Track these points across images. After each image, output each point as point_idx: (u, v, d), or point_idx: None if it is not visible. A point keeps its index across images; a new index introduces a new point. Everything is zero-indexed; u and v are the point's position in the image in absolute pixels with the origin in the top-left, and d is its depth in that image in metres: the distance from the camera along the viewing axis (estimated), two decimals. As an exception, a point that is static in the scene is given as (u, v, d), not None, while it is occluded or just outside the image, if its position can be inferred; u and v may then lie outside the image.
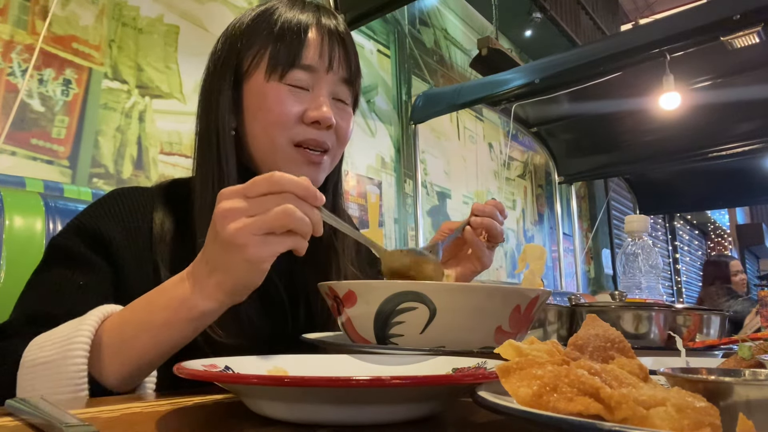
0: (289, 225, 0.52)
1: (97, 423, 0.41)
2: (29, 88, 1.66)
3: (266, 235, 0.52)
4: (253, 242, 0.52)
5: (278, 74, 0.74)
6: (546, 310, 0.94)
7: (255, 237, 0.52)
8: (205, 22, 2.20)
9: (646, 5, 6.74)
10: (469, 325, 0.57)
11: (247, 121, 0.76)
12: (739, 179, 4.32)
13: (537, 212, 4.79)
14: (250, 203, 0.52)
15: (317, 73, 0.75)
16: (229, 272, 0.54)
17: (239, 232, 0.51)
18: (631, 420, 0.27)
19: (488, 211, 0.82)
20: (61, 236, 0.73)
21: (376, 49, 3.20)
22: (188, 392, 0.57)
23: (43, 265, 0.72)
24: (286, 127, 0.74)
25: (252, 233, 0.51)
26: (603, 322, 0.39)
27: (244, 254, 0.52)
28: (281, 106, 0.73)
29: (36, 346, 0.59)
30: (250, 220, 0.52)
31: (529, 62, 3.43)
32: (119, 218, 0.74)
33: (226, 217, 0.52)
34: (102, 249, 0.71)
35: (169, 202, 0.78)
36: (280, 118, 0.74)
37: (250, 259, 0.52)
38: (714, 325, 0.90)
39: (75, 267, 0.69)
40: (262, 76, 0.74)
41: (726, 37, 2.23)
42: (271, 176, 0.52)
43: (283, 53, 0.74)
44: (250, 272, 0.54)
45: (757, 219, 10.01)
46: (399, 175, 3.25)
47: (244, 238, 0.51)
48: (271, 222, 0.52)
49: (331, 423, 0.39)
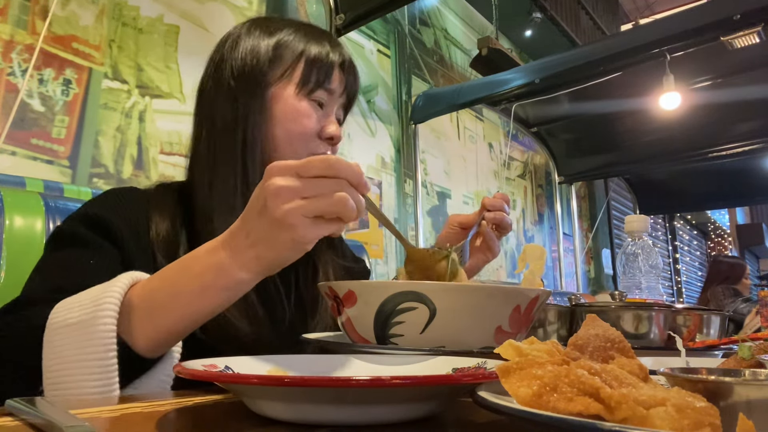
0: (341, 212, 0.53)
1: (97, 423, 0.41)
2: (29, 87, 1.66)
3: (316, 218, 0.53)
4: (304, 224, 0.52)
5: (307, 90, 0.82)
6: (546, 310, 0.94)
7: (306, 219, 0.52)
8: (205, 22, 2.20)
9: (646, 5, 6.74)
10: (469, 325, 0.57)
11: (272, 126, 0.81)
12: (739, 179, 4.32)
13: (537, 212, 4.79)
14: (304, 184, 0.52)
15: (333, 95, 0.85)
16: (272, 248, 0.54)
17: (292, 212, 0.51)
18: (631, 420, 0.27)
19: (498, 205, 0.89)
20: (66, 224, 0.74)
21: (376, 49, 3.20)
22: (188, 392, 0.57)
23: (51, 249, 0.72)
24: (308, 139, 0.81)
25: (304, 215, 0.52)
26: (603, 322, 0.39)
27: (292, 234, 0.52)
28: (308, 120, 0.81)
29: (63, 308, 0.59)
30: (304, 202, 0.52)
31: (529, 62, 3.43)
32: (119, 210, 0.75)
33: (279, 196, 0.52)
34: (107, 234, 0.72)
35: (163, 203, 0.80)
36: (306, 131, 0.81)
37: (296, 239, 0.53)
38: (714, 325, 0.89)
39: (84, 248, 0.70)
40: (293, 89, 0.81)
41: (726, 37, 2.23)
42: (327, 159, 0.52)
43: (315, 74, 0.82)
44: (293, 251, 0.55)
45: (757, 219, 10.01)
46: (399, 175, 3.25)
47: (295, 219, 0.52)
48: (326, 207, 0.52)
49: (331, 423, 0.39)
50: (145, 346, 0.59)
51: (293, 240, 0.53)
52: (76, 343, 0.56)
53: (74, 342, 0.56)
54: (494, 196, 0.90)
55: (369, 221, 2.98)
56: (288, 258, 0.56)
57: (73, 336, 0.56)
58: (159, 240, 0.75)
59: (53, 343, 0.57)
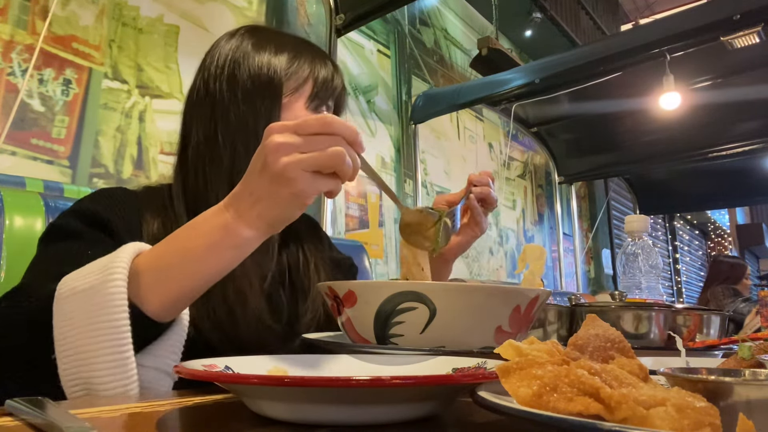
0: (338, 167, 0.54)
1: (97, 423, 0.41)
2: (29, 88, 1.66)
3: (315, 172, 0.54)
4: (303, 178, 0.54)
5: (315, 105, 0.87)
6: (546, 310, 0.94)
7: (305, 173, 0.54)
8: (205, 22, 2.20)
9: (646, 5, 6.74)
10: (469, 325, 0.57)
11: None
12: (739, 179, 4.32)
13: (537, 212, 4.79)
14: (302, 140, 0.54)
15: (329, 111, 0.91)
16: (274, 204, 0.56)
17: (291, 166, 0.53)
18: (631, 420, 0.27)
19: (484, 180, 0.94)
20: (59, 219, 0.75)
21: (376, 49, 3.20)
22: (188, 392, 0.57)
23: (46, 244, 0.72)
24: None
25: (302, 169, 0.53)
26: (603, 322, 0.39)
27: (292, 188, 0.54)
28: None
29: (71, 278, 0.59)
30: (303, 156, 0.54)
31: (529, 62, 3.43)
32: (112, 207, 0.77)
33: (278, 151, 0.54)
34: (102, 227, 0.73)
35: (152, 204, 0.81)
36: None
37: (296, 193, 0.55)
38: (714, 325, 0.90)
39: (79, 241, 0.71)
40: (304, 103, 0.85)
41: (726, 37, 2.23)
42: (324, 117, 0.55)
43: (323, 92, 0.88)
44: (293, 205, 0.56)
45: (757, 219, 10.01)
46: (399, 175, 3.25)
47: (294, 173, 0.53)
48: (324, 161, 0.54)
49: (331, 423, 0.39)
50: (155, 309, 0.59)
51: (293, 194, 0.55)
52: (87, 308, 0.56)
53: (85, 307, 0.56)
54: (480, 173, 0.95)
55: (369, 221, 2.98)
56: (290, 214, 0.57)
57: (83, 301, 0.57)
58: (151, 240, 0.75)
59: (63, 310, 0.57)
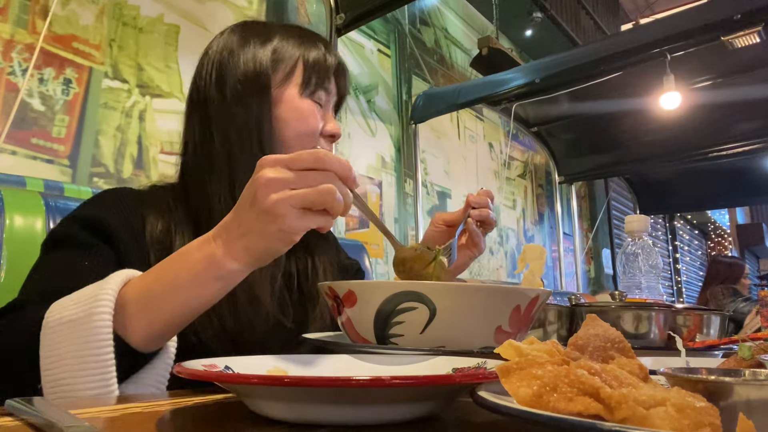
0: (328, 205, 0.54)
1: (97, 423, 0.41)
2: (29, 87, 1.66)
3: (304, 209, 0.54)
4: (292, 214, 0.53)
5: (309, 91, 0.85)
6: (546, 310, 0.94)
7: (294, 210, 0.53)
8: (205, 22, 2.20)
9: (646, 5, 6.73)
10: (469, 325, 0.57)
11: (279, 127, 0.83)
12: (739, 179, 4.32)
13: (537, 212, 4.79)
14: (293, 175, 0.54)
15: (330, 94, 0.89)
16: (261, 239, 0.56)
17: (280, 202, 0.53)
18: (631, 420, 0.27)
19: (483, 202, 0.91)
20: (60, 226, 0.75)
21: (376, 49, 3.20)
22: (188, 392, 0.57)
23: (45, 253, 0.73)
24: (314, 138, 0.84)
25: (292, 206, 0.53)
26: (603, 322, 0.39)
27: (280, 224, 0.54)
28: (313, 119, 0.85)
29: (59, 307, 0.59)
30: (293, 192, 0.53)
31: (530, 62, 3.43)
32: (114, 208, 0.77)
33: (269, 186, 0.53)
34: (101, 233, 0.73)
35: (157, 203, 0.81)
36: (312, 129, 0.84)
37: (284, 229, 0.54)
38: (714, 325, 0.89)
39: (77, 250, 0.71)
40: (297, 90, 0.84)
41: (726, 37, 2.23)
42: (316, 152, 0.55)
43: (315, 76, 0.85)
44: (281, 241, 0.56)
45: (757, 219, 10.01)
46: (399, 174, 3.25)
47: (283, 209, 0.53)
48: (314, 198, 0.53)
49: (331, 423, 0.39)
50: (140, 340, 0.59)
51: (281, 230, 0.54)
52: (72, 340, 0.56)
53: (71, 339, 0.57)
54: (478, 193, 0.92)
55: (369, 221, 2.97)
56: (277, 249, 0.57)
57: (69, 333, 0.57)
58: (154, 240, 0.76)
59: (50, 340, 0.58)
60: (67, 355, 0.56)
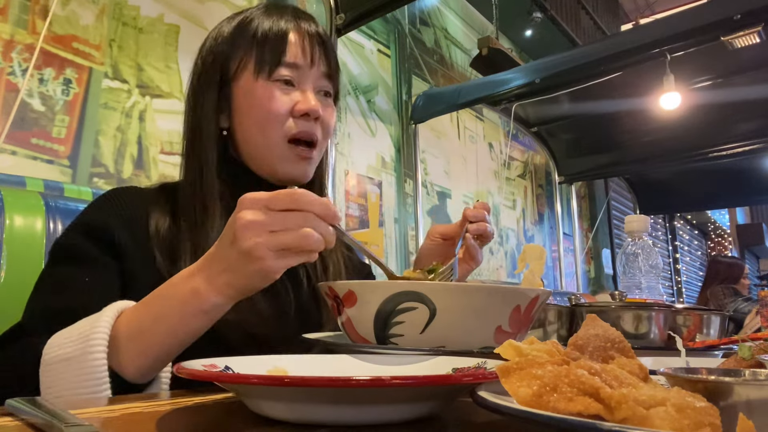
0: (306, 247, 0.55)
1: (97, 423, 0.41)
2: (29, 87, 1.66)
3: (283, 250, 0.55)
4: (270, 257, 0.55)
5: (266, 73, 0.78)
6: (546, 310, 0.94)
7: (272, 252, 0.54)
8: (205, 22, 2.20)
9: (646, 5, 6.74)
10: (469, 325, 0.57)
11: (240, 120, 0.81)
12: (739, 179, 4.32)
13: (537, 212, 4.79)
14: (271, 218, 0.54)
15: (301, 69, 0.80)
16: (242, 277, 0.57)
17: (258, 246, 0.54)
18: (631, 420, 0.27)
19: (480, 215, 0.90)
20: (64, 237, 0.76)
21: (376, 49, 3.20)
22: (188, 392, 0.57)
23: (48, 266, 0.74)
24: (279, 122, 0.79)
25: (270, 249, 0.54)
26: (603, 322, 0.39)
27: (259, 265, 0.55)
28: (272, 102, 0.78)
29: (55, 344, 0.60)
30: (271, 236, 0.54)
31: (530, 62, 3.43)
32: (119, 211, 0.77)
33: (248, 229, 0.54)
34: (105, 243, 0.73)
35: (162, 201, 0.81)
36: (272, 113, 0.78)
37: (264, 269, 0.55)
38: (714, 325, 0.89)
39: (80, 264, 0.71)
40: (251, 75, 0.79)
41: (726, 37, 2.23)
42: (293, 193, 0.55)
43: (269, 53, 0.78)
44: (261, 279, 0.57)
45: (757, 219, 10.01)
46: (399, 174, 3.25)
47: (261, 252, 0.54)
48: (290, 242, 0.54)
49: (331, 423, 0.39)
50: (134, 372, 0.61)
51: (261, 270, 0.55)
52: (70, 378, 0.58)
53: (68, 377, 0.58)
54: (474, 206, 0.91)
55: (369, 221, 2.98)
56: (258, 286, 0.59)
57: (66, 372, 0.58)
58: (158, 238, 0.76)
59: (48, 377, 0.59)
60: (66, 393, 0.58)
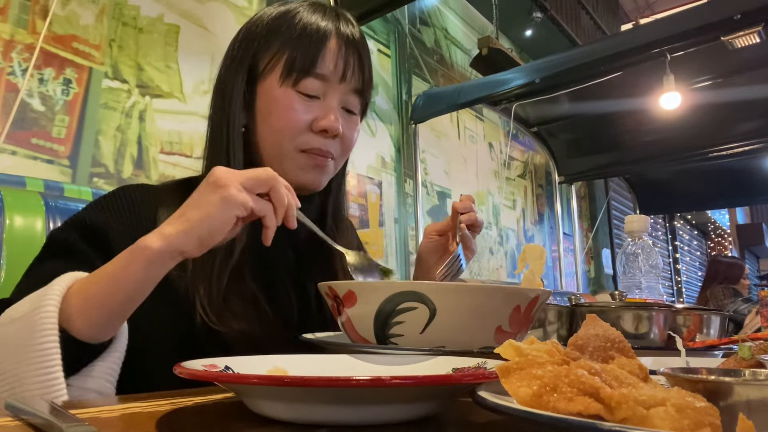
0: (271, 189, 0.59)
1: (97, 423, 0.41)
2: (29, 87, 1.66)
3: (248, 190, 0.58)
4: (236, 187, 0.57)
5: (292, 81, 0.75)
6: (546, 310, 0.94)
7: (239, 183, 0.58)
8: (205, 22, 2.20)
9: (646, 5, 6.73)
10: (469, 325, 0.57)
11: (258, 121, 0.79)
12: (739, 179, 4.31)
13: (537, 212, 4.79)
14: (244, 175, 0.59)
15: (330, 82, 0.77)
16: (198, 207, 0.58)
17: (229, 174, 0.58)
18: (631, 420, 0.27)
19: (468, 206, 0.91)
20: (60, 230, 0.75)
21: (376, 49, 3.20)
22: (188, 392, 0.57)
23: (39, 257, 0.73)
24: (294, 135, 0.77)
25: (239, 181, 0.58)
26: (603, 322, 0.39)
27: (222, 192, 0.57)
28: (291, 113, 0.76)
29: (12, 308, 0.61)
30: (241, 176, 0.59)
31: (530, 62, 3.43)
32: (121, 212, 0.75)
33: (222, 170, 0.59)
34: (99, 242, 0.72)
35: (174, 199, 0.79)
36: (289, 125, 0.76)
37: (225, 196, 0.57)
38: (714, 325, 0.89)
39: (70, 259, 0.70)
40: (276, 80, 0.76)
41: (726, 37, 2.23)
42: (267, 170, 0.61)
43: (300, 60, 0.75)
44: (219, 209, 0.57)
45: (757, 219, 10.01)
46: (399, 174, 3.25)
47: (229, 180, 0.58)
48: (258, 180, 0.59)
49: (331, 423, 0.39)
50: (83, 330, 0.60)
51: (222, 197, 0.57)
52: (19, 333, 0.58)
53: (18, 332, 0.58)
54: (461, 199, 0.92)
55: (369, 221, 2.98)
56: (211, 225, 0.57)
57: (16, 328, 0.58)
58: None
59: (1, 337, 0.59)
60: (14, 347, 0.58)
